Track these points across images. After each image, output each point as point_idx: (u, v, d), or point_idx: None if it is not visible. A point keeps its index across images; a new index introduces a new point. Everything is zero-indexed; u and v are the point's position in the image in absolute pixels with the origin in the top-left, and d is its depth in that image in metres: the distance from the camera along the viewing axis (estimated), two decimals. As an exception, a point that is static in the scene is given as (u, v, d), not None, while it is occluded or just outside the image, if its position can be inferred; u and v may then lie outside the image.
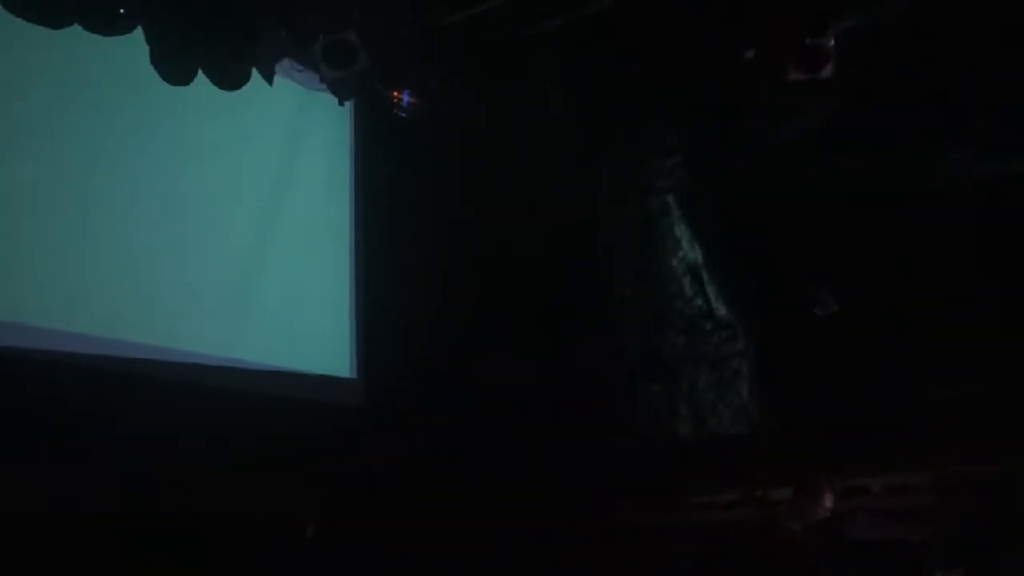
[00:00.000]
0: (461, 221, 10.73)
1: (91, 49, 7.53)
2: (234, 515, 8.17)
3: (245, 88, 8.30)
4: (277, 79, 8.56)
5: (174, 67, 7.69)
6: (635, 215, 10.69)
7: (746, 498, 9.83)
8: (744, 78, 8.95)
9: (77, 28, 7.17)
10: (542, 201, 10.61)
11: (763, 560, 9.38)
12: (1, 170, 7.34)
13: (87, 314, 7.76)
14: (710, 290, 10.39)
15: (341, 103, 9.15)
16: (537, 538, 9.95)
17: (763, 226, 9.94)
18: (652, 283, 10.64)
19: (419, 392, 10.16)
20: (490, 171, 10.67)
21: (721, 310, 10.36)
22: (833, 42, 8.16)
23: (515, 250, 10.68)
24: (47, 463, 7.06)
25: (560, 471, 10.03)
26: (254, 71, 8.23)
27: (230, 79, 8.07)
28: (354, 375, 9.98)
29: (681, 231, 10.51)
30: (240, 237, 9.21)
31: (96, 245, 7.98)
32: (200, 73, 7.85)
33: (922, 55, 8.87)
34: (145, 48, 7.49)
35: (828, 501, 8.37)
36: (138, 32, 7.48)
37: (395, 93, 9.37)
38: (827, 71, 8.18)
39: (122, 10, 7.34)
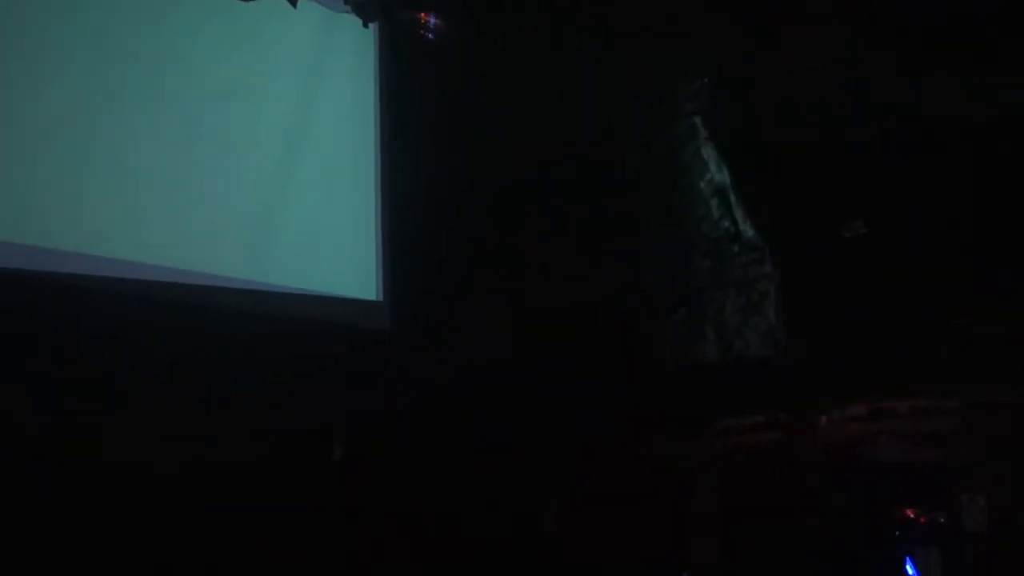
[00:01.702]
0: (487, 146, 10.67)
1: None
2: (260, 438, 8.22)
3: (268, 12, 8.27)
4: (301, 1, 8.51)
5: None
6: (662, 139, 10.62)
7: (772, 421, 9.85)
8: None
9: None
10: (569, 124, 10.53)
11: (787, 483, 9.45)
12: (27, 98, 7.36)
13: (113, 239, 7.80)
14: (737, 212, 10.31)
15: (365, 25, 9.10)
16: (563, 465, 10.01)
17: (792, 148, 9.83)
18: (679, 206, 10.60)
19: (444, 316, 10.17)
20: (516, 96, 10.59)
21: (748, 232, 10.28)
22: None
23: (542, 175, 10.63)
24: (70, 388, 7.12)
25: (586, 397, 10.05)
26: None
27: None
28: (380, 298, 9.99)
29: (708, 153, 10.42)
30: (266, 161, 9.19)
31: (121, 172, 7.99)
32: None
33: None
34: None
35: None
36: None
37: (421, 14, 9.30)
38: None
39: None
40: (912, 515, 9.10)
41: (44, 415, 7.02)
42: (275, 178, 9.24)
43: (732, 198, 10.33)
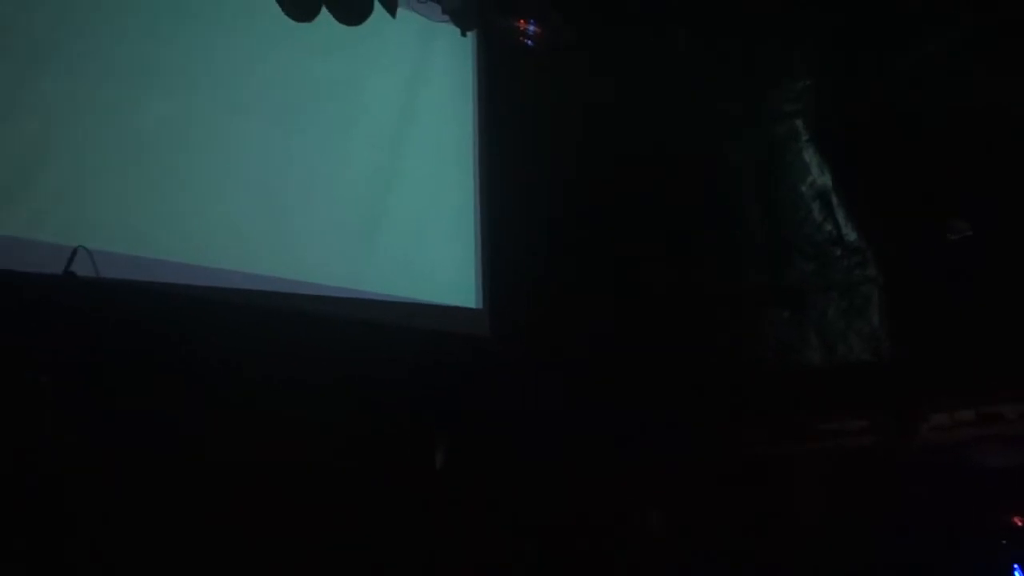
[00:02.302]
0: (585, 153, 10.66)
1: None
2: (362, 445, 8.28)
3: (368, 21, 8.34)
4: (400, 11, 8.56)
5: (298, 6, 7.77)
6: (762, 140, 10.55)
7: (876, 425, 9.75)
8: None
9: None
10: (667, 130, 10.50)
11: (892, 488, 9.33)
12: (138, 109, 7.52)
13: (218, 248, 7.92)
14: (839, 215, 10.22)
15: (463, 33, 9.14)
16: (666, 468, 9.97)
17: (893, 149, 9.72)
18: (780, 209, 10.52)
19: (545, 323, 10.17)
20: (615, 102, 10.57)
21: (851, 235, 10.19)
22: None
23: (641, 179, 10.60)
24: (173, 397, 7.23)
25: (688, 400, 10.02)
26: (377, 3, 8.26)
27: (354, 14, 8.12)
28: (480, 306, 10.03)
29: (810, 156, 10.34)
30: (365, 170, 9.26)
31: (225, 181, 8.13)
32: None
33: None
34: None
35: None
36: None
37: (520, 22, 9.31)
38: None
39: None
40: (1020, 523, 8.95)
41: (156, 422, 7.13)
42: (376, 187, 9.31)
43: (834, 201, 10.24)
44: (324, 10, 8.00)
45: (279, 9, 7.72)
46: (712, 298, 10.55)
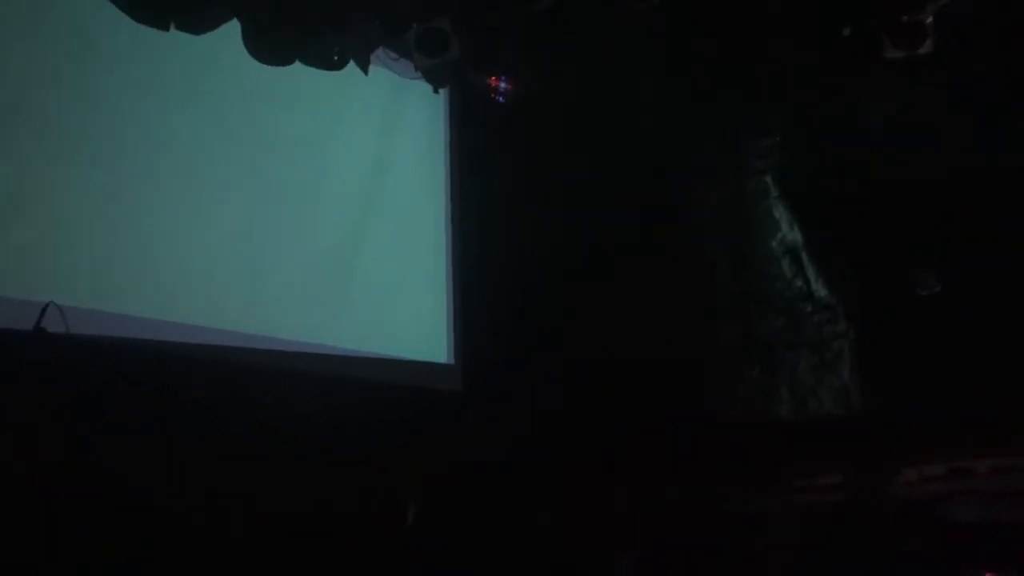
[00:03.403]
0: (557, 207, 10.71)
1: (185, 44, 7.60)
2: (332, 502, 8.23)
3: (340, 77, 8.37)
4: (372, 67, 8.60)
5: (274, 52, 7.79)
6: (730, 196, 10.62)
7: (847, 481, 9.76)
8: (841, 56, 8.82)
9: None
10: (637, 185, 10.55)
11: (862, 543, 9.33)
12: (107, 165, 7.55)
13: (185, 303, 7.90)
14: (809, 271, 10.28)
15: (436, 90, 9.19)
16: (634, 523, 9.96)
17: (863, 205, 9.79)
18: (749, 265, 10.57)
19: (516, 378, 10.18)
20: (586, 156, 10.63)
21: (821, 291, 10.25)
22: (931, 18, 7.99)
23: (612, 235, 10.64)
24: (143, 452, 7.18)
25: (657, 456, 10.01)
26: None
27: (326, 61, 8.18)
28: (452, 361, 10.03)
29: (780, 212, 10.40)
30: (337, 225, 9.30)
31: (195, 235, 8.13)
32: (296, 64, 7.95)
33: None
34: (236, 43, 7.58)
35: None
36: (231, 29, 7.56)
37: (492, 79, 9.37)
38: (925, 48, 8.01)
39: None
40: (991, 576, 8.96)
41: (126, 475, 7.07)
42: (347, 242, 9.33)
43: (804, 257, 10.30)
44: (297, 65, 8.02)
45: (251, 65, 7.71)
46: (681, 354, 10.55)
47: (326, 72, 8.22)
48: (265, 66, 7.74)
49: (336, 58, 8.19)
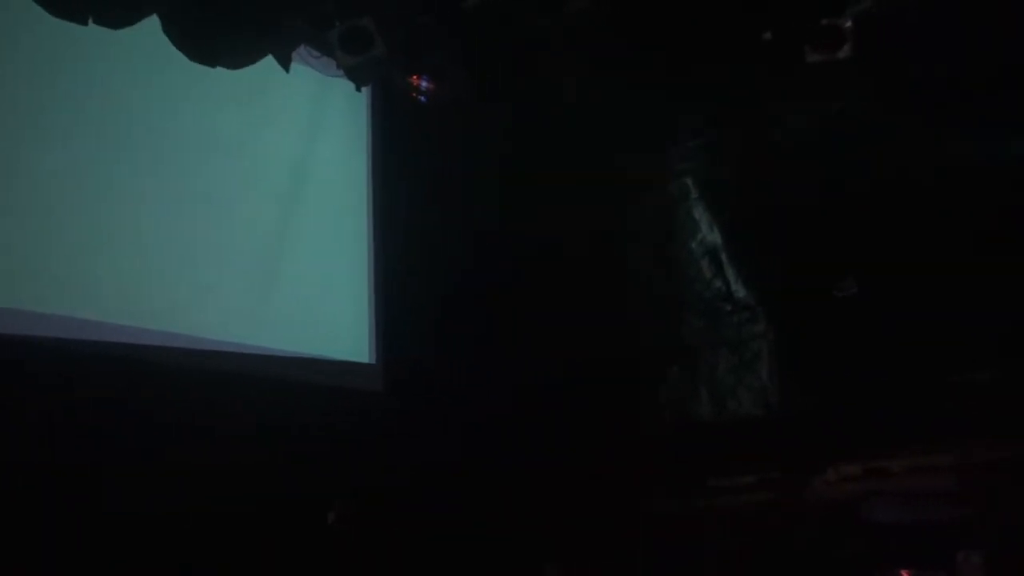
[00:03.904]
0: (479, 207, 10.73)
1: (109, 41, 7.49)
2: (253, 502, 8.17)
3: (261, 75, 8.32)
4: (294, 65, 8.55)
5: (201, 51, 7.73)
6: (656, 199, 10.70)
7: (765, 481, 9.83)
8: (761, 60, 8.89)
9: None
10: (563, 186, 10.59)
11: (781, 543, 9.41)
12: (23, 160, 7.39)
13: (107, 303, 7.81)
14: (729, 272, 10.38)
15: (358, 89, 9.14)
16: (558, 525, 9.97)
17: (783, 207, 9.89)
18: (672, 266, 10.66)
19: (438, 378, 10.18)
20: (509, 158, 10.66)
21: (740, 292, 10.36)
22: (850, 23, 8.08)
23: (536, 234, 10.67)
24: (68, 454, 7.10)
25: (581, 456, 10.05)
26: (271, 58, 8.25)
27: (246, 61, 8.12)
28: (373, 361, 9.99)
29: (699, 213, 10.51)
30: (259, 224, 9.24)
31: (116, 234, 8.04)
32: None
33: (940, 37, 8.80)
34: (163, 40, 7.50)
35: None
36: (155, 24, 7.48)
37: (413, 78, 9.34)
38: (844, 52, 8.09)
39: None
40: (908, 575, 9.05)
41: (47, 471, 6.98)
42: (268, 241, 9.27)
43: (723, 258, 10.39)
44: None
45: (177, 64, 7.63)
46: (607, 354, 10.60)
47: (246, 70, 8.16)
48: (184, 64, 7.66)
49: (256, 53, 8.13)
